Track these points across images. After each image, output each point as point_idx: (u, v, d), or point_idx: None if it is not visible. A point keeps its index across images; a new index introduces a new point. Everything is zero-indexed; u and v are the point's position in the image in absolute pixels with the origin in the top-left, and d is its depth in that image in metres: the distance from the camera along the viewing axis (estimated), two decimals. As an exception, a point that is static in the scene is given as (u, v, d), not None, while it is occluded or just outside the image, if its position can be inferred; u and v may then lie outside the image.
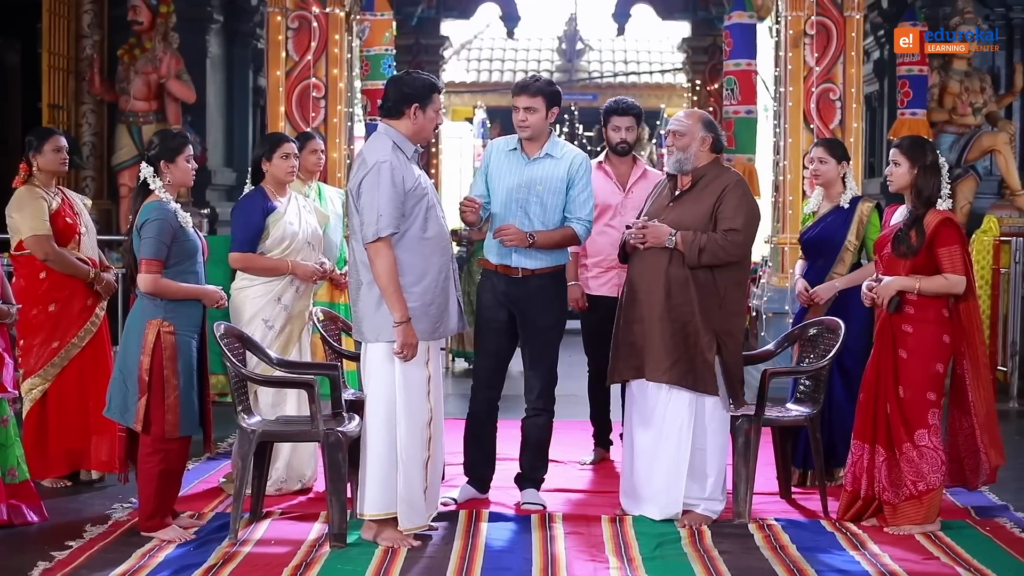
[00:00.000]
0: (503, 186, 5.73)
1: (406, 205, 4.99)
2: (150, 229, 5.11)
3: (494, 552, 5.03)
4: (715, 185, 5.48)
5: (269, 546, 5.09)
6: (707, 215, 5.44)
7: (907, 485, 5.31)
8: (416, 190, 5.02)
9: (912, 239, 5.32)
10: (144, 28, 10.92)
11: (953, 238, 5.33)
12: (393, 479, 5.02)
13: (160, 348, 5.08)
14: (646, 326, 5.47)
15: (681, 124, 5.55)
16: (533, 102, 5.65)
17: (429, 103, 5.12)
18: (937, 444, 5.33)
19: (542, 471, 5.92)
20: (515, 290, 5.72)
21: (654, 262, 5.46)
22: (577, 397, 7.17)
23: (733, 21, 9.95)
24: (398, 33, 14.63)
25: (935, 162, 5.39)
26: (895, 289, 5.35)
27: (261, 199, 5.97)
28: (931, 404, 5.33)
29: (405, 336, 4.95)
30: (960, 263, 5.32)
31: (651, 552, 5.03)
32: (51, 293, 6.05)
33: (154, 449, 5.12)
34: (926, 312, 5.34)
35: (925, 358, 5.33)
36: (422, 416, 5.05)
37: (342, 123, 9.65)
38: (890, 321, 5.39)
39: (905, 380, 5.35)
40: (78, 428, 6.06)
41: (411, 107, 5.10)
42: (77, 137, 10.87)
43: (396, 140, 5.08)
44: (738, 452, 5.56)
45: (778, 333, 7.73)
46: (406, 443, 5.01)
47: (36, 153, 6.08)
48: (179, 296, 5.15)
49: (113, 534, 5.23)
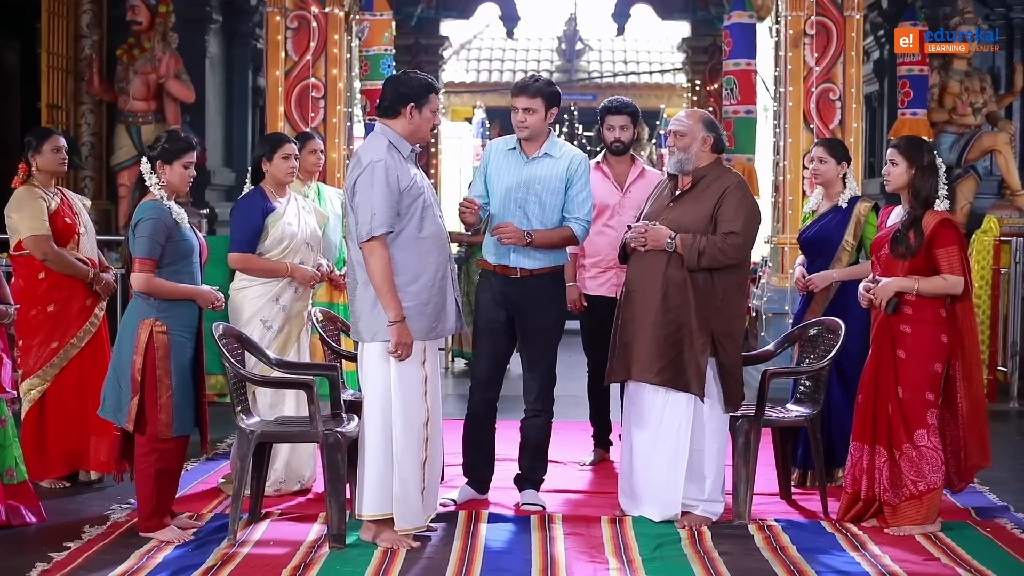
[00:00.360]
0: (502, 185, 5.72)
1: (401, 204, 4.98)
2: (144, 228, 5.10)
3: (493, 553, 5.02)
4: (716, 186, 5.47)
5: (268, 547, 5.08)
6: (707, 216, 5.42)
7: (907, 485, 5.30)
8: (412, 189, 5.01)
9: (910, 240, 5.31)
10: (143, 28, 10.90)
11: (952, 239, 5.31)
12: (390, 479, 5.01)
13: (153, 348, 5.07)
14: (637, 327, 5.46)
15: (682, 124, 5.54)
16: (532, 103, 5.64)
17: (425, 103, 5.11)
18: (936, 444, 5.32)
19: (541, 472, 5.91)
20: (513, 290, 5.71)
21: (653, 263, 5.45)
22: (577, 398, 7.15)
23: (733, 21, 9.95)
24: (397, 33, 14.62)
25: (932, 163, 5.38)
26: (893, 290, 5.34)
27: (260, 199, 5.95)
28: (930, 404, 5.33)
29: (399, 335, 4.94)
30: (958, 264, 5.30)
31: (651, 553, 5.02)
32: (50, 293, 6.03)
33: (149, 449, 5.10)
34: (924, 312, 5.33)
35: (924, 358, 5.32)
36: (419, 416, 5.04)
37: (341, 123, 9.64)
38: (888, 322, 5.38)
39: (904, 380, 5.34)
40: (77, 429, 6.05)
41: (407, 107, 5.10)
42: (76, 137, 10.85)
43: (392, 139, 5.08)
44: (738, 453, 5.55)
45: (778, 333, 7.72)
46: (402, 443, 5.00)
47: (35, 153, 6.06)
48: (173, 296, 5.14)
49: (112, 535, 5.21)
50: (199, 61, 11.56)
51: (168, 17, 10.88)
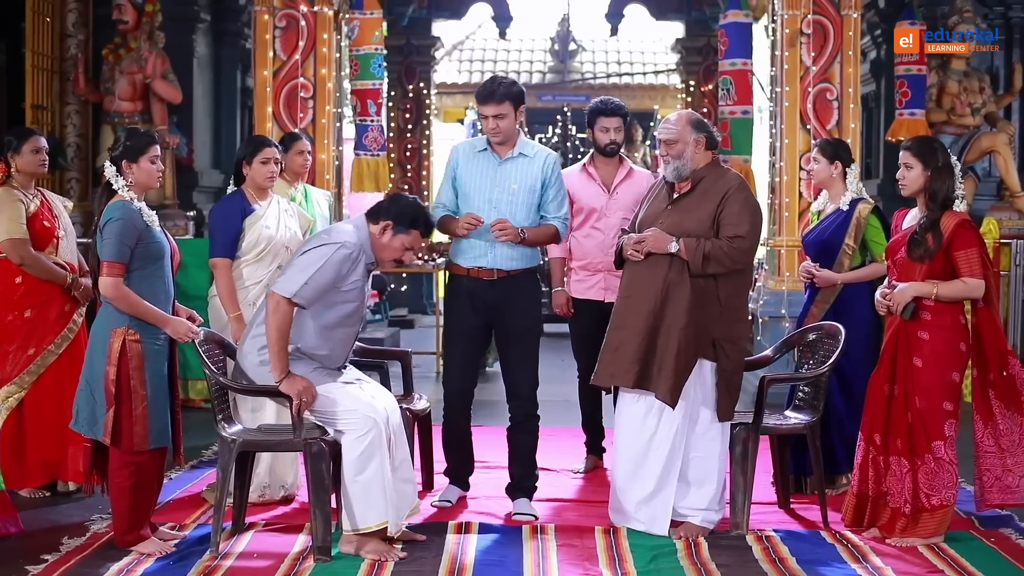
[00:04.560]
0: (475, 188, 5.67)
1: (330, 296, 4.98)
2: (111, 229, 4.93)
3: (484, 565, 4.89)
4: (717, 188, 5.31)
5: (252, 559, 4.95)
6: (709, 218, 5.26)
7: (921, 497, 5.17)
8: (349, 293, 5.03)
9: (929, 242, 5.16)
10: (129, 27, 10.74)
11: (971, 240, 5.17)
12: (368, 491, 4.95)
13: (126, 358, 4.91)
14: (629, 332, 5.31)
15: (671, 132, 5.36)
16: (501, 108, 5.61)
17: (403, 231, 5.09)
18: (952, 458, 5.18)
19: (533, 480, 5.82)
20: (491, 293, 5.66)
21: (653, 268, 5.28)
22: (569, 402, 7.05)
23: (728, 20, 9.84)
24: (389, 34, 14.54)
25: (948, 162, 5.24)
26: (911, 295, 5.18)
27: (240, 201, 5.83)
28: (948, 415, 5.17)
29: (291, 388, 4.91)
30: (979, 266, 5.15)
31: (646, 565, 4.90)
32: (27, 298, 5.90)
33: (124, 463, 4.94)
34: (943, 318, 5.18)
35: (942, 367, 5.17)
36: (358, 426, 4.96)
37: (330, 124, 9.52)
38: (905, 328, 5.22)
39: (920, 389, 5.18)
40: (56, 437, 5.89)
41: (384, 223, 5.10)
42: (62, 138, 10.69)
43: (364, 243, 5.08)
44: (735, 461, 5.41)
45: (775, 337, 7.62)
46: (348, 455, 4.96)
47: (14, 154, 5.95)
48: (138, 315, 4.92)
49: (91, 547, 5.08)
50: (186, 61, 11.42)
51: (155, 16, 10.73)
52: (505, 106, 5.59)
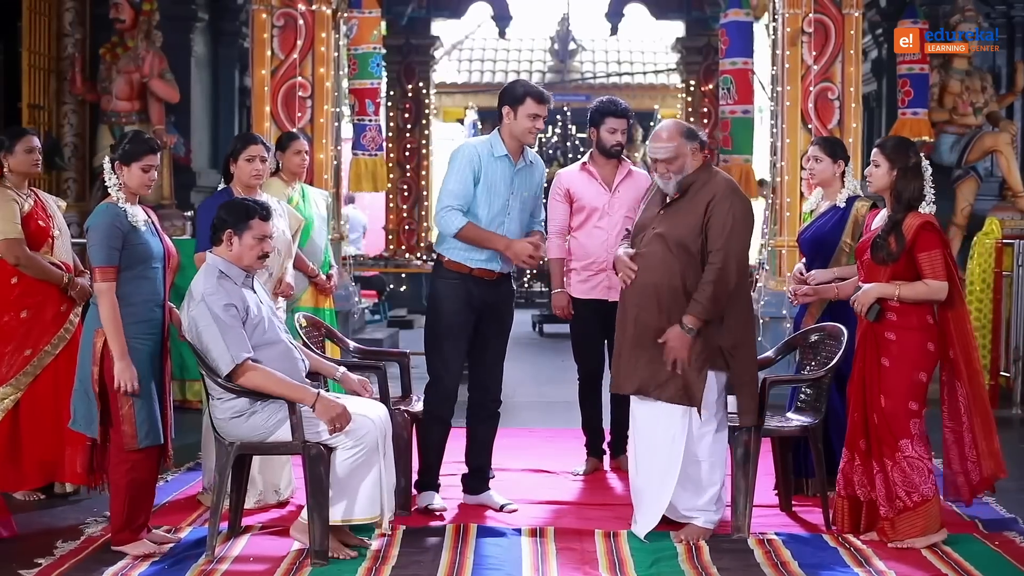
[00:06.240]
0: (496, 194, 5.63)
1: (247, 333, 4.94)
2: (94, 234, 4.90)
3: (483, 570, 4.84)
4: (704, 193, 5.20)
5: (247, 563, 4.91)
6: (698, 225, 5.17)
7: (900, 497, 5.13)
8: (254, 318, 4.98)
9: (891, 245, 5.12)
10: (127, 26, 10.73)
11: (934, 242, 5.12)
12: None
13: (109, 357, 4.87)
14: (628, 339, 5.26)
15: (668, 151, 5.22)
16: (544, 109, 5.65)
17: (246, 229, 5.00)
18: (922, 453, 5.15)
19: (489, 466, 5.90)
20: (490, 292, 5.69)
21: (653, 272, 5.22)
22: (570, 404, 7.00)
23: (729, 19, 9.81)
24: (388, 33, 14.51)
25: (918, 165, 5.21)
26: (874, 296, 5.16)
27: (227, 198, 5.75)
28: (912, 414, 5.15)
29: (325, 412, 4.86)
30: (941, 268, 5.11)
31: (647, 569, 4.85)
32: (23, 299, 5.84)
33: (120, 460, 4.93)
34: (909, 319, 5.15)
35: (908, 366, 5.14)
36: (348, 443, 4.93)
37: (329, 123, 9.49)
38: (872, 329, 5.20)
39: (887, 389, 5.16)
40: (52, 439, 5.84)
41: (226, 232, 5.02)
42: (59, 138, 10.67)
43: (222, 267, 4.99)
44: (737, 464, 5.36)
45: (776, 338, 7.57)
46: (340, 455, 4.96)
47: (7, 153, 5.90)
48: (110, 332, 4.88)
49: (85, 550, 5.03)
50: (184, 60, 11.40)
51: (152, 15, 10.71)
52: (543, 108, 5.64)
